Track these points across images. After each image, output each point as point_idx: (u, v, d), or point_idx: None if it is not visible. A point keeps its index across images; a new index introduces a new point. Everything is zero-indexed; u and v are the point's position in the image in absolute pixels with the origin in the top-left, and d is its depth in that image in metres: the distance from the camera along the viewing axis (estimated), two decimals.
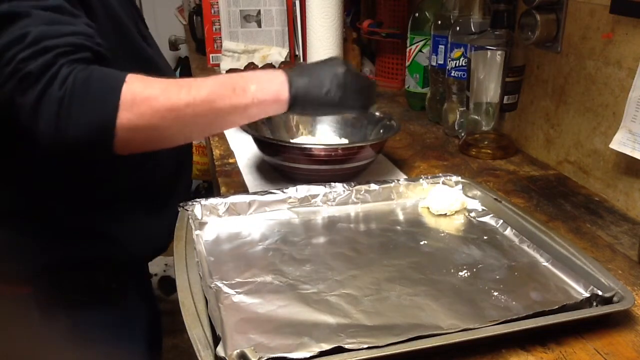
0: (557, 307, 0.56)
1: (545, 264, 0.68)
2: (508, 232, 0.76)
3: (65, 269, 0.79)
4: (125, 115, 0.60)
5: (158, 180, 0.85)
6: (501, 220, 0.77)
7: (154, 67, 0.83)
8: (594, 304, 0.59)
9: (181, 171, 0.92)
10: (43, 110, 0.59)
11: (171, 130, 0.65)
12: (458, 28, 1.13)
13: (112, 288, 0.85)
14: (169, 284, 1.98)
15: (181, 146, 0.73)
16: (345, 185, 0.83)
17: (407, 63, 1.39)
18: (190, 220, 0.73)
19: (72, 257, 0.79)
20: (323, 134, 1.06)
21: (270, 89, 0.69)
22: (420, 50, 1.35)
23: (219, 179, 0.96)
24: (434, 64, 1.25)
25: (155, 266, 2.00)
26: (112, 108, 0.60)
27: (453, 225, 0.79)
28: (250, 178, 0.94)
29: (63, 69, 0.60)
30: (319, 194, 0.82)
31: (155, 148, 0.68)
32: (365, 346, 0.50)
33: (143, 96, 0.62)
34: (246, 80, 0.69)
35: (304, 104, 0.71)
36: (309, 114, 0.77)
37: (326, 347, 0.50)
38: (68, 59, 0.61)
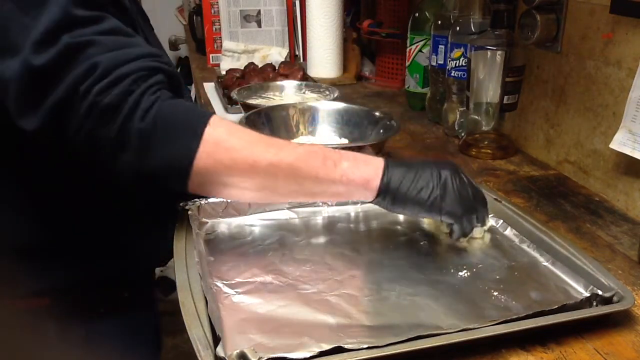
0: (557, 307, 0.56)
1: (545, 263, 0.68)
2: (508, 232, 0.76)
3: (80, 284, 0.79)
4: (203, 160, 0.60)
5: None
6: (501, 220, 0.77)
7: (175, 80, 0.83)
8: (594, 303, 0.59)
9: None
10: (125, 143, 0.59)
11: (245, 185, 0.63)
12: (458, 28, 1.13)
13: (124, 297, 0.85)
14: (167, 284, 1.98)
15: None
16: None
17: (407, 63, 1.39)
18: (190, 220, 0.73)
19: (86, 272, 0.79)
20: (323, 134, 1.06)
21: (363, 172, 0.64)
22: (420, 50, 1.35)
23: None
24: (434, 64, 1.25)
25: None
26: (192, 150, 0.59)
27: None
28: None
29: (144, 98, 0.59)
30: None
31: (228, 197, 0.67)
32: (365, 346, 0.50)
33: (226, 145, 0.61)
34: (340, 156, 0.65)
35: (394, 197, 0.65)
36: (399, 212, 0.68)
37: (326, 347, 0.50)
38: (145, 86, 0.60)
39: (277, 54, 1.72)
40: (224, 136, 0.61)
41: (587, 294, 0.61)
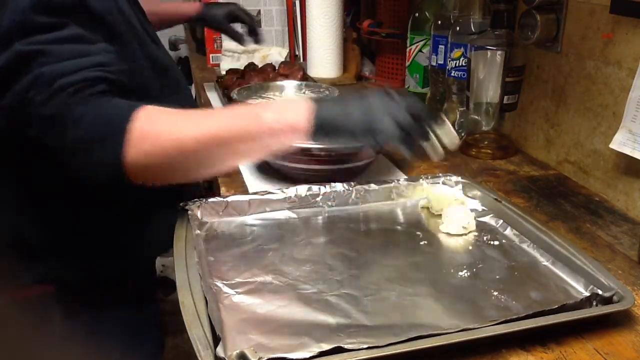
0: (557, 306, 0.56)
1: (546, 263, 0.68)
2: (508, 232, 0.76)
3: (80, 284, 0.79)
4: (131, 154, 0.60)
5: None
6: (501, 220, 0.77)
7: (170, 75, 0.83)
8: (594, 303, 0.59)
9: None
10: (67, 150, 0.61)
11: (182, 166, 0.64)
12: (458, 28, 1.13)
13: (125, 297, 0.85)
14: (167, 284, 1.98)
15: None
16: (345, 185, 0.83)
17: (407, 63, 1.39)
18: (190, 220, 0.73)
19: (86, 271, 0.79)
20: None
21: (287, 118, 0.64)
22: (420, 50, 1.35)
23: (219, 179, 0.96)
24: (434, 64, 1.25)
25: None
26: (117, 147, 0.60)
27: None
28: (250, 178, 0.94)
29: (78, 107, 0.60)
30: (319, 194, 0.82)
31: (173, 181, 0.67)
32: (365, 346, 0.50)
33: (150, 135, 0.61)
34: (263, 109, 0.65)
35: (327, 132, 0.64)
36: (336, 144, 0.68)
37: (326, 347, 0.50)
38: (82, 95, 0.61)
39: (277, 54, 1.72)
40: (148, 127, 0.61)
41: (587, 294, 0.61)
